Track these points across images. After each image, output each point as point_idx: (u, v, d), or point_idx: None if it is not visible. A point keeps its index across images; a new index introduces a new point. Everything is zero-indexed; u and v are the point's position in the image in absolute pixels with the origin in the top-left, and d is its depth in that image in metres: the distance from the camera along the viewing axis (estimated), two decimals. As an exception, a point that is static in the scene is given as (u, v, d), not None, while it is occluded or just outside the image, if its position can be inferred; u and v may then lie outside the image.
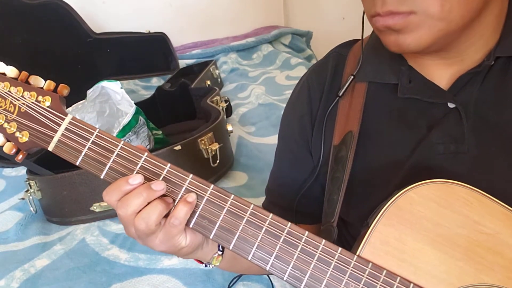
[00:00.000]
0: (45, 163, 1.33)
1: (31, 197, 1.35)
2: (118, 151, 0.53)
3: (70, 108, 1.47)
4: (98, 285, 1.06)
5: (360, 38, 0.64)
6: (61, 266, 1.15)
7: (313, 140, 0.66)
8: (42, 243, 1.27)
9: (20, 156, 0.55)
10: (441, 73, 0.57)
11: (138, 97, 2.25)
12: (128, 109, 1.44)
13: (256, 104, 2.09)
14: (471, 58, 0.55)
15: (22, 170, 1.69)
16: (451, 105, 0.56)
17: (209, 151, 1.40)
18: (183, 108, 1.94)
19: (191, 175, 0.52)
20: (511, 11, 0.54)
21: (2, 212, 1.43)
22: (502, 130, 0.53)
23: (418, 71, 0.58)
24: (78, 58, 1.93)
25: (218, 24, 3.06)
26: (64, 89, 0.54)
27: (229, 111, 1.96)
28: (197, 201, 0.51)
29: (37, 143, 0.54)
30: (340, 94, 0.62)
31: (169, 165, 0.52)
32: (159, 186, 0.50)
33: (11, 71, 0.54)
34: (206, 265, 0.61)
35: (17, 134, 0.55)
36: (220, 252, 0.59)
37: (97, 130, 0.53)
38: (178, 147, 1.35)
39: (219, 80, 2.44)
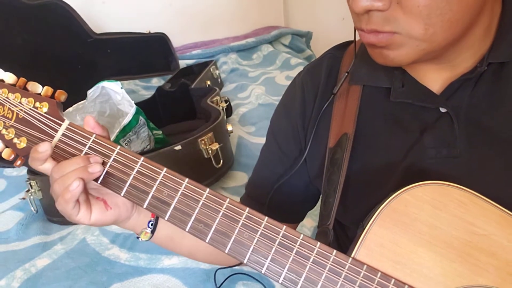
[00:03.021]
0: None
1: (31, 197, 1.36)
2: (115, 156, 0.53)
3: (70, 108, 1.47)
4: (99, 285, 1.07)
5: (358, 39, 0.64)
6: (61, 266, 1.15)
7: (307, 139, 0.66)
8: (42, 242, 1.27)
9: (18, 162, 0.56)
10: (434, 78, 0.57)
11: (139, 97, 2.25)
12: (129, 109, 1.44)
13: (256, 104, 2.09)
14: (463, 64, 0.55)
15: (23, 170, 1.70)
16: (442, 110, 0.56)
17: (209, 151, 1.41)
18: (183, 108, 1.94)
19: (187, 179, 0.52)
20: (503, 18, 0.54)
21: (3, 212, 1.44)
22: (494, 134, 0.54)
23: (411, 75, 0.59)
24: (79, 59, 1.93)
25: (218, 24, 3.06)
26: (62, 95, 0.54)
27: (229, 111, 1.96)
28: (193, 205, 0.52)
29: None
30: (335, 92, 0.63)
31: (165, 169, 0.52)
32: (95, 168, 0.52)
33: (9, 77, 0.55)
34: (137, 237, 0.62)
35: (15, 140, 0.55)
36: (148, 230, 0.61)
37: (94, 135, 0.54)
38: (178, 147, 1.35)
39: (219, 80, 2.44)
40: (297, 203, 0.72)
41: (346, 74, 0.62)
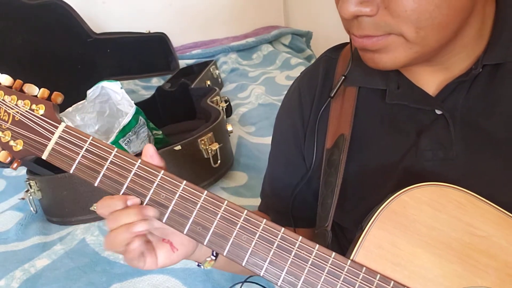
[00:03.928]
0: (45, 163, 1.33)
1: (31, 197, 1.36)
2: (112, 158, 0.53)
3: (70, 108, 1.48)
4: (98, 285, 1.06)
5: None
6: (61, 266, 1.15)
7: (306, 144, 0.66)
8: (42, 243, 1.27)
9: (15, 165, 0.56)
10: (429, 80, 0.57)
11: (138, 97, 2.25)
12: (128, 109, 1.44)
13: (256, 104, 2.08)
14: (457, 67, 0.55)
15: (22, 170, 1.69)
16: (438, 112, 0.56)
17: (209, 151, 1.40)
18: (183, 108, 1.94)
19: (184, 182, 0.52)
20: (497, 20, 0.54)
21: (2, 212, 1.44)
22: (490, 136, 0.54)
23: (407, 76, 0.59)
24: (78, 58, 1.93)
25: (218, 24, 3.05)
26: (58, 97, 0.54)
27: (229, 111, 1.95)
28: (191, 207, 0.52)
29: (31, 152, 0.55)
30: (332, 95, 0.63)
31: (162, 171, 0.52)
32: (150, 212, 0.51)
33: (5, 79, 0.55)
34: (198, 265, 0.61)
35: (12, 142, 0.55)
36: (213, 257, 0.60)
37: (91, 137, 0.53)
38: (178, 147, 1.35)
39: (219, 80, 2.44)
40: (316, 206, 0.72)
41: (344, 77, 0.62)
